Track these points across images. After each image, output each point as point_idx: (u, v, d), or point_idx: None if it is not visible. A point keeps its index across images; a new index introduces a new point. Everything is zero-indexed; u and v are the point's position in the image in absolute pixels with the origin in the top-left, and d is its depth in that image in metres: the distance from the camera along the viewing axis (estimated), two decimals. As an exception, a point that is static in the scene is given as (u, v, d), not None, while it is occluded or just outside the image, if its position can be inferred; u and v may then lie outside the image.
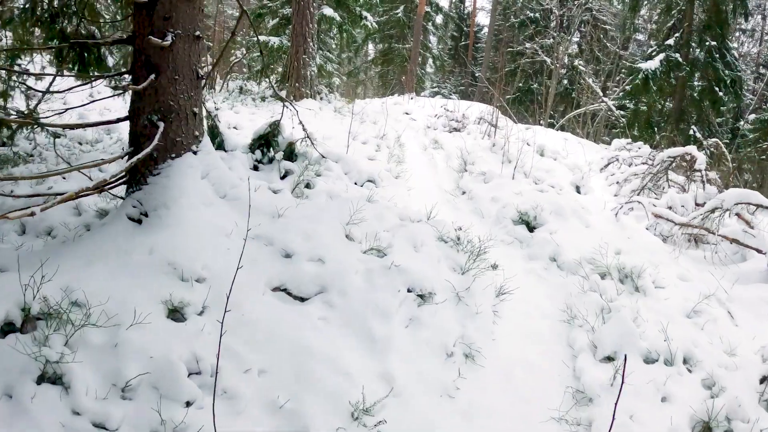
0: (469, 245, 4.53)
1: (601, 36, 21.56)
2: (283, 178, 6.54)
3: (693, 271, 5.39)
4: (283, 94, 14.73)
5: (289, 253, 3.85)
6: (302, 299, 3.61)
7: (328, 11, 15.23)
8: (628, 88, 16.56)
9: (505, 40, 26.37)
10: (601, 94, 18.70)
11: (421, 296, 3.82)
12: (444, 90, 29.97)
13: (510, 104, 23.12)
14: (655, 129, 16.35)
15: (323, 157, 6.84)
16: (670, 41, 15.49)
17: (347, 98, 26.18)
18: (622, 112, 17.74)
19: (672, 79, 15.55)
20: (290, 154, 6.86)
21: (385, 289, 3.68)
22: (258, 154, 6.66)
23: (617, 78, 20.31)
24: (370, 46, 33.19)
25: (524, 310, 4.30)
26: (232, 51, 21.08)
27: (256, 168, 6.60)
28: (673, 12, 16.08)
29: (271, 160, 6.67)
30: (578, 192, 8.05)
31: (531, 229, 5.62)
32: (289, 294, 3.61)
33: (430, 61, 31.95)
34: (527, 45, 22.17)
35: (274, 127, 6.72)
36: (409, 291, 3.80)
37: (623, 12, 20.24)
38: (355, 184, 6.76)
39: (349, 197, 5.16)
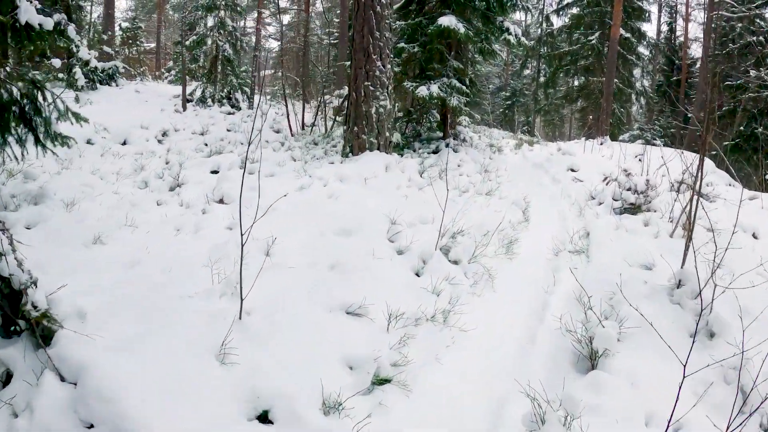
0: None
1: None
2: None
3: None
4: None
5: None
6: None
7: (446, 20, 12.13)
8: None
9: (724, 74, 20.09)
10: None
11: None
12: (647, 134, 24.08)
13: (728, 153, 17.15)
14: None
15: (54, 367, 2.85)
16: None
17: (543, 140, 22.20)
18: None
19: None
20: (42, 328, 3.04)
21: None
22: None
23: None
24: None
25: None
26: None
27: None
28: None
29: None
30: None
31: None
32: None
33: (633, 98, 26.35)
34: (750, 74, 16.16)
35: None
36: None
37: None
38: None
39: None
